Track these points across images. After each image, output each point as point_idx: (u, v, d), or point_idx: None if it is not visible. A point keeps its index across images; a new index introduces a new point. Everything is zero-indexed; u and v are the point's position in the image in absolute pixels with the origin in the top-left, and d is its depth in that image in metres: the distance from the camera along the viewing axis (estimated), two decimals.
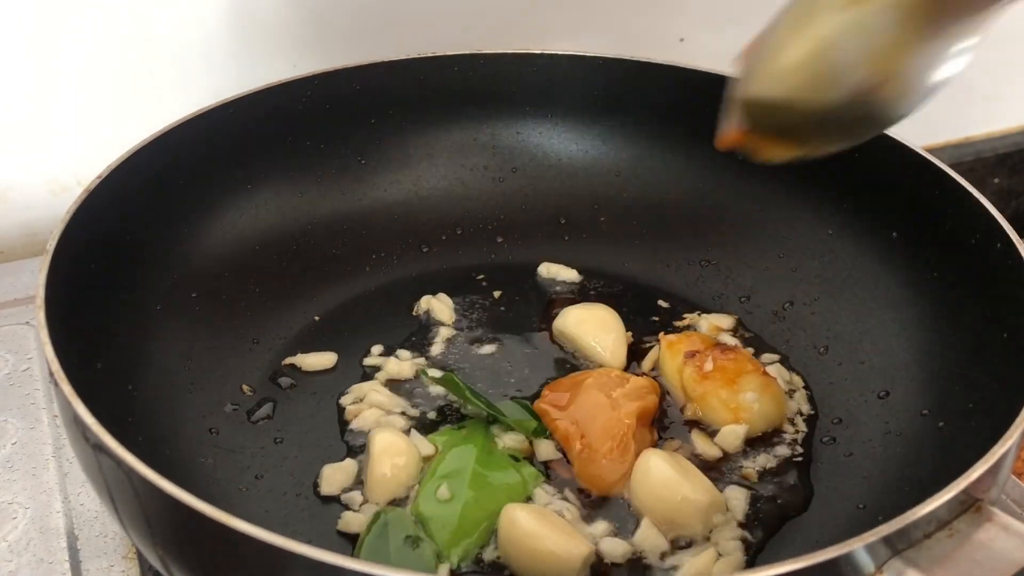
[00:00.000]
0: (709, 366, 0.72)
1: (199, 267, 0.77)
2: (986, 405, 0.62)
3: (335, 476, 0.67)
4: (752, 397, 0.71)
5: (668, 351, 0.74)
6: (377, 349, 0.78)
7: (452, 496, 0.64)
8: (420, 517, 0.63)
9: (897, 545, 0.49)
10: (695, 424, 0.71)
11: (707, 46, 1.09)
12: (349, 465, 0.68)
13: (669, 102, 0.86)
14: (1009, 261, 0.65)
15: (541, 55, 0.87)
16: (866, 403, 0.72)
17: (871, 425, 0.70)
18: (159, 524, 0.53)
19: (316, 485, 0.67)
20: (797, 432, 0.71)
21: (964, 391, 0.66)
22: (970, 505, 0.52)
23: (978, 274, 0.68)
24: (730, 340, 0.78)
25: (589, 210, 0.88)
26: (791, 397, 0.74)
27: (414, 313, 0.81)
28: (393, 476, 0.65)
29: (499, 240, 0.87)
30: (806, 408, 0.73)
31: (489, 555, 0.62)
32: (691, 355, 0.73)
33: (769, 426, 0.71)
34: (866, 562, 0.48)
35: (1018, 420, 0.54)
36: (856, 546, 0.48)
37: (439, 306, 0.81)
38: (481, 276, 0.84)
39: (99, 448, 0.52)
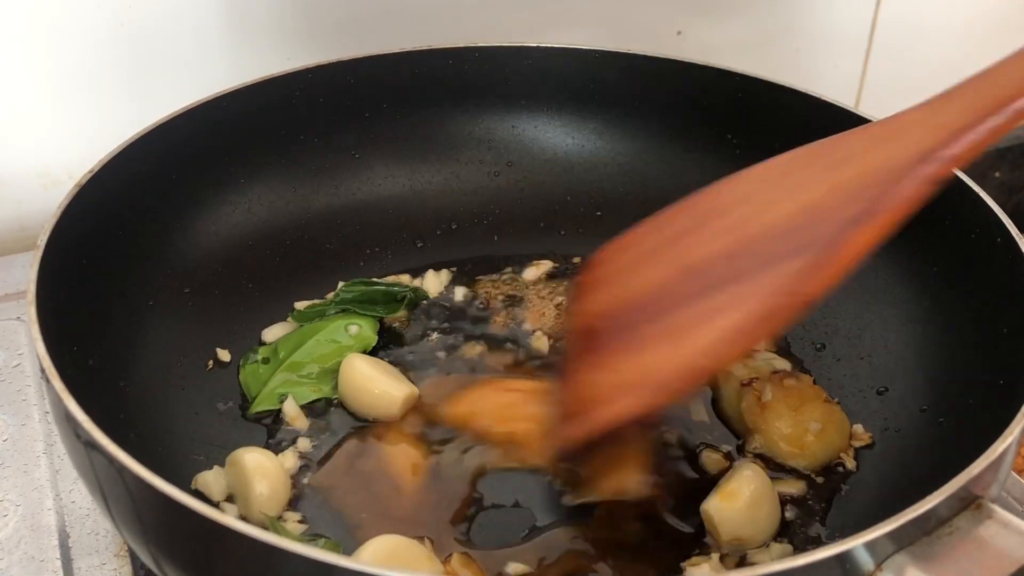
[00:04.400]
0: (768, 396, 0.69)
1: (192, 262, 0.76)
2: (986, 401, 0.62)
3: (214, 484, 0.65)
4: (815, 428, 0.68)
5: (723, 379, 0.72)
6: None
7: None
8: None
9: (897, 542, 0.49)
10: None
11: (705, 39, 1.08)
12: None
13: (666, 95, 0.85)
14: (1009, 256, 0.65)
15: (537, 48, 0.87)
16: (865, 399, 0.72)
17: (870, 421, 0.70)
18: (151, 521, 0.52)
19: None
20: None
21: (964, 387, 0.65)
22: (970, 502, 0.51)
23: (978, 269, 0.68)
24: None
25: (585, 204, 0.88)
26: None
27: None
28: (272, 494, 0.64)
29: (494, 235, 0.87)
30: None
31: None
32: (748, 384, 0.70)
33: (833, 456, 0.68)
34: (866, 559, 0.48)
35: (1018, 416, 0.54)
36: (856, 543, 0.47)
37: (432, 280, 0.82)
38: (475, 269, 0.84)
39: (91, 445, 0.52)
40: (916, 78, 1.19)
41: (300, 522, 0.64)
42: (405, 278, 0.83)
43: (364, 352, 0.75)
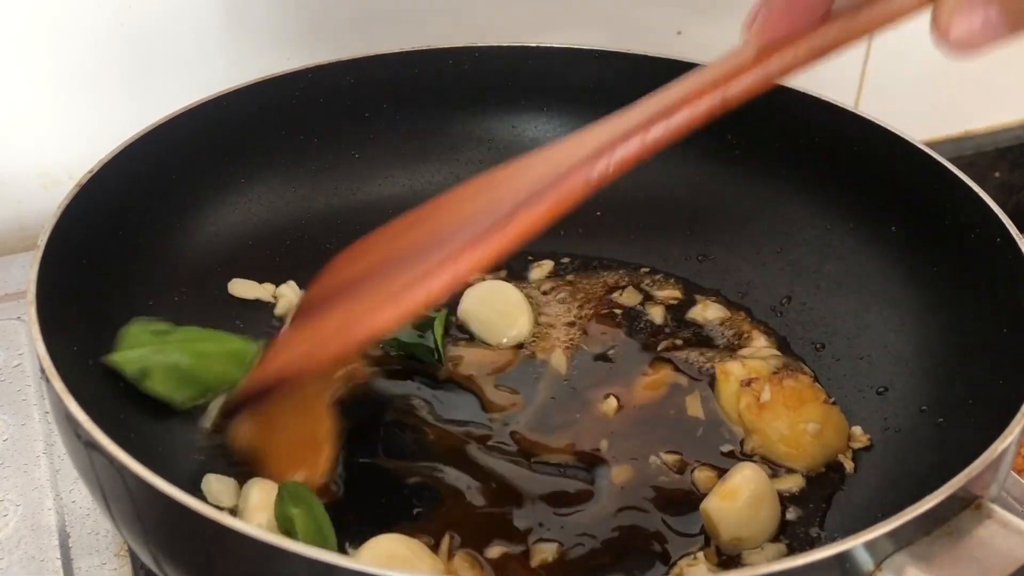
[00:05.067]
0: (767, 396, 0.69)
1: (191, 262, 0.76)
2: (986, 401, 0.62)
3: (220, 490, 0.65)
4: (814, 428, 0.68)
5: (723, 379, 0.72)
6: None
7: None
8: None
9: (897, 542, 0.49)
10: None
11: (705, 39, 1.08)
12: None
13: None
14: (1009, 256, 0.65)
15: (537, 48, 0.87)
16: (864, 399, 0.72)
17: (870, 421, 0.70)
18: (151, 521, 0.52)
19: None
20: None
21: (964, 387, 0.65)
22: (970, 502, 0.51)
23: (978, 269, 0.68)
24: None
25: (584, 204, 0.87)
26: None
27: None
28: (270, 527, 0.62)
29: None
30: None
31: None
32: (747, 383, 0.70)
33: (831, 457, 0.68)
34: (865, 559, 0.48)
35: (1018, 416, 0.54)
36: (855, 543, 0.47)
37: None
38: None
39: (91, 445, 0.52)
40: (916, 78, 1.19)
41: None
42: None
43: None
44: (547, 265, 0.85)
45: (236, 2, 0.92)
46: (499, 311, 0.78)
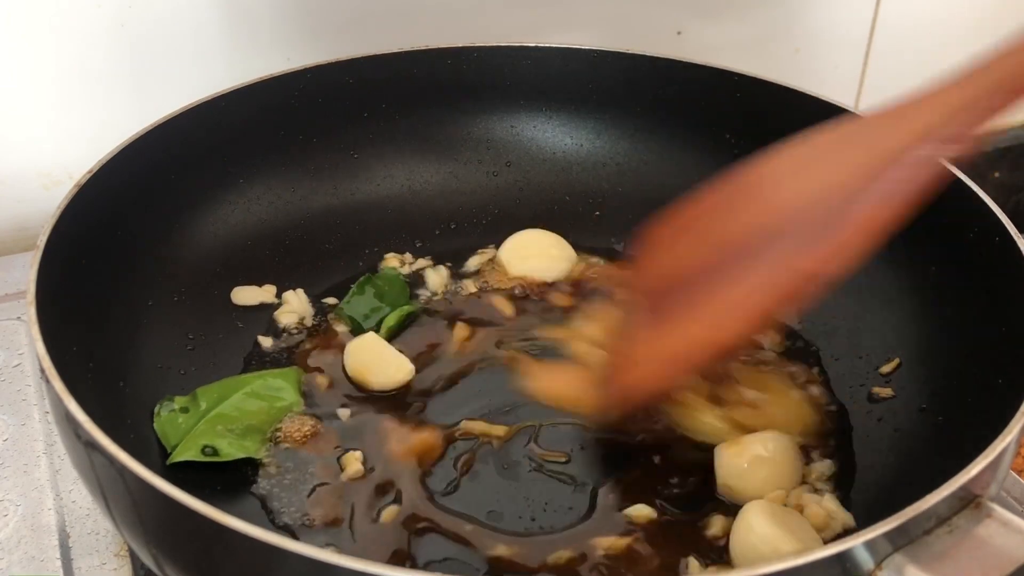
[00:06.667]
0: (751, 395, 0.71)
1: (191, 262, 0.76)
2: (985, 400, 0.62)
3: None
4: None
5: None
6: None
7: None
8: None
9: (897, 541, 0.49)
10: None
11: (705, 39, 1.08)
12: None
13: (666, 95, 0.85)
14: (1008, 256, 0.65)
15: (536, 48, 0.87)
16: (864, 398, 0.72)
17: (868, 421, 0.70)
18: (151, 522, 0.52)
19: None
20: None
21: (963, 386, 0.65)
22: (969, 501, 0.51)
23: (977, 269, 0.68)
24: None
25: (584, 204, 0.88)
26: None
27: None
28: None
29: (493, 234, 0.87)
30: None
31: None
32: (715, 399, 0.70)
33: (807, 427, 0.70)
34: (865, 559, 0.48)
35: (1017, 416, 0.54)
36: (856, 542, 0.47)
37: (432, 278, 0.82)
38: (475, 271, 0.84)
39: (91, 445, 0.52)
40: (916, 78, 1.19)
41: None
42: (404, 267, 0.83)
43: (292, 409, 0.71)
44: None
45: (236, 2, 0.93)
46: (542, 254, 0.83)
